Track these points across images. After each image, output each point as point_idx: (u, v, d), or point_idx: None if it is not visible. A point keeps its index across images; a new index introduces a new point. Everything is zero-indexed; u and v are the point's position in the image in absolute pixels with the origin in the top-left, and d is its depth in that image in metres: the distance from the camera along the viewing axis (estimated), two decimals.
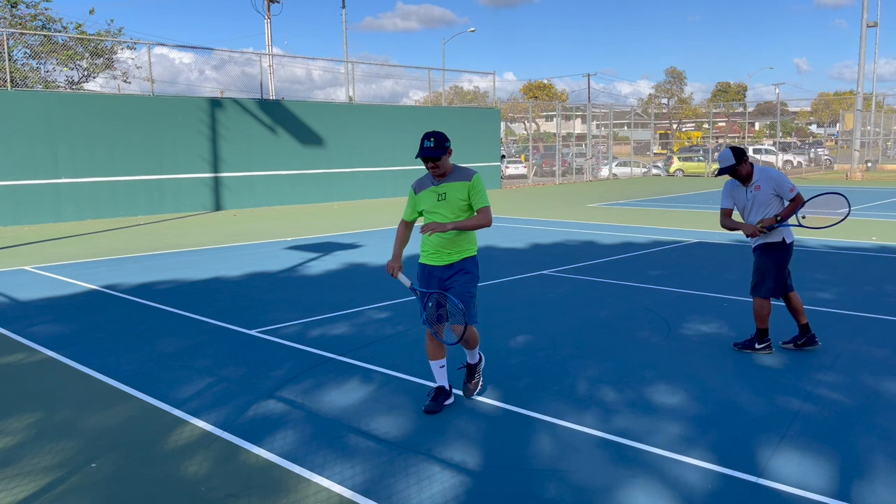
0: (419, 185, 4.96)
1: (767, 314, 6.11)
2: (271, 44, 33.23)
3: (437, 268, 4.90)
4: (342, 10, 42.66)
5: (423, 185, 4.93)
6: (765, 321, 6.13)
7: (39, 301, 8.69)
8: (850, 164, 34.85)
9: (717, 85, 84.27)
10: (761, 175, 6.08)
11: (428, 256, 4.92)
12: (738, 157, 6.01)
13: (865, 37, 33.29)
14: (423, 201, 4.90)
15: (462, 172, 4.86)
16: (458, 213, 4.80)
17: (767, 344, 6.17)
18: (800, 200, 6.00)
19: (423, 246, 4.94)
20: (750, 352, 6.18)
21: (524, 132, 50.62)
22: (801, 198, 6.00)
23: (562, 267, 10.63)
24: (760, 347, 6.16)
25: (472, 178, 4.83)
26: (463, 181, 4.81)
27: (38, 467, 4.14)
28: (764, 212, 6.07)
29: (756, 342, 6.19)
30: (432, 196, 4.85)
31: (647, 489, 3.78)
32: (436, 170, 4.75)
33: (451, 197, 4.80)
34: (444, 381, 5.05)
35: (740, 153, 6.04)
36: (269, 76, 26.80)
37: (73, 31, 26.96)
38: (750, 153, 40.29)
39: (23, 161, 17.62)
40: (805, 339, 6.24)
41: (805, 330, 6.24)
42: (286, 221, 17.90)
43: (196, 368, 5.96)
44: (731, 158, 6.02)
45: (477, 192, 4.82)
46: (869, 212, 18.24)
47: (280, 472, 4.05)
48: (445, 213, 4.80)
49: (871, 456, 4.15)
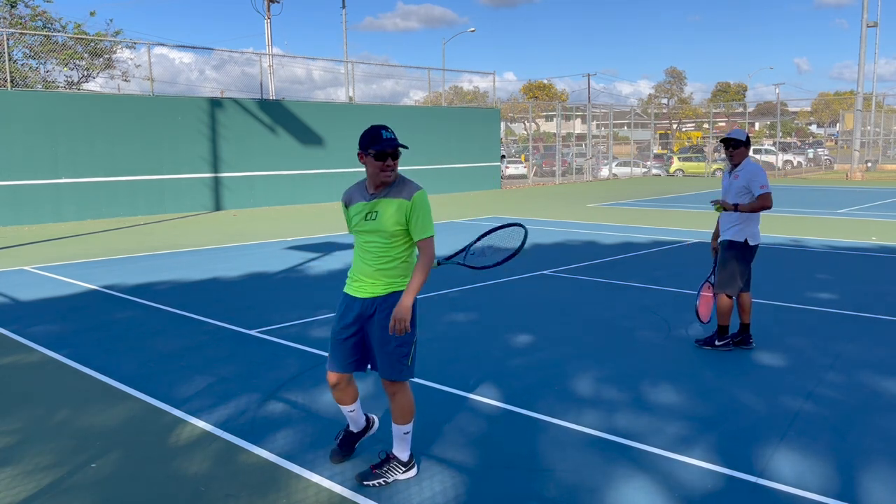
0: (350, 196, 3.89)
1: (730, 311, 6.24)
2: (271, 44, 33.25)
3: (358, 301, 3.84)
4: (342, 10, 42.69)
5: (357, 197, 3.84)
6: (727, 318, 6.26)
7: (39, 301, 8.69)
8: (850, 164, 34.85)
9: (717, 85, 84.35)
10: (745, 166, 6.20)
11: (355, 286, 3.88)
12: (746, 140, 6.17)
13: (865, 37, 33.30)
14: (352, 216, 3.86)
15: (403, 187, 3.75)
16: (386, 241, 3.72)
17: (727, 341, 6.30)
18: (766, 201, 6.04)
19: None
20: (709, 348, 6.30)
21: (524, 132, 50.62)
22: (768, 199, 6.04)
23: (562, 267, 10.62)
24: (720, 344, 6.28)
25: (414, 197, 3.69)
26: (401, 199, 3.70)
27: (38, 467, 4.14)
28: (733, 201, 6.18)
29: (717, 339, 6.31)
30: (362, 211, 3.77)
31: (647, 489, 3.78)
32: (389, 173, 3.71)
33: (381, 217, 3.71)
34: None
35: (749, 141, 6.22)
36: (269, 76, 26.80)
37: (73, 31, 26.95)
38: (750, 153, 40.26)
39: (23, 161, 17.62)
40: (742, 338, 6.37)
41: (745, 329, 6.38)
42: (286, 221, 17.89)
43: (196, 368, 5.96)
44: (742, 136, 6.17)
45: (418, 216, 3.69)
46: (869, 212, 18.24)
47: (280, 471, 4.05)
48: (371, 240, 3.76)
49: (871, 456, 4.15)
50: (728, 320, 6.28)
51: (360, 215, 3.79)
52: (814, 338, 6.64)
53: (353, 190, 3.90)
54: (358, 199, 3.82)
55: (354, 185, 3.93)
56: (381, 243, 3.75)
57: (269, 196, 22.34)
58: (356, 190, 3.88)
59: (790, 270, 10.16)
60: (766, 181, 6.10)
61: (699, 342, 6.42)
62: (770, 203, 6.08)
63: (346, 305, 3.88)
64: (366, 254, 3.81)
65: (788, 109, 79.16)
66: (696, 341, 6.46)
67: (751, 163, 6.25)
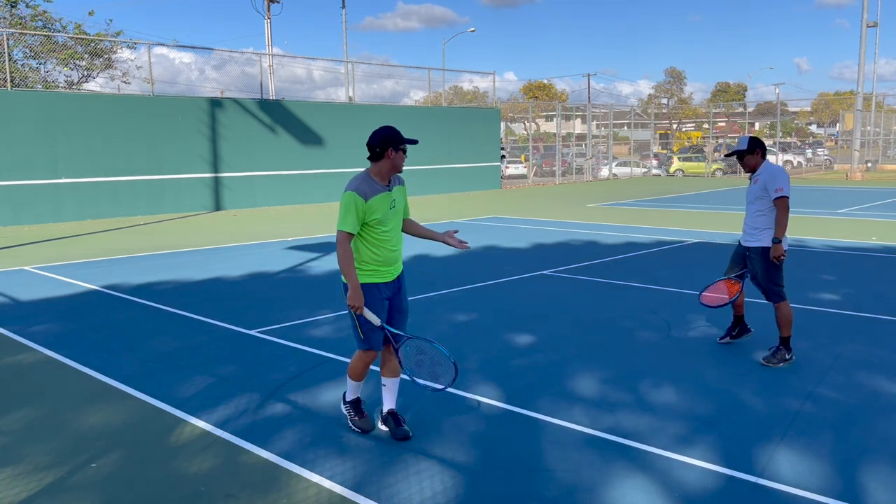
0: (366, 189, 4.20)
1: (791, 319, 5.85)
2: (271, 44, 33.25)
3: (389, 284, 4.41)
4: (342, 10, 42.66)
5: (373, 190, 4.22)
6: (789, 328, 5.85)
7: (39, 301, 8.69)
8: (850, 164, 34.85)
9: (716, 85, 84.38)
10: (764, 169, 5.95)
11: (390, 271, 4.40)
12: (750, 146, 5.95)
13: (865, 37, 33.29)
14: (377, 209, 4.21)
15: (394, 176, 4.41)
16: (401, 223, 4.44)
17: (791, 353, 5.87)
18: (783, 205, 5.72)
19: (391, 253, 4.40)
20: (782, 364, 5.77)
21: (524, 132, 50.61)
22: (785, 203, 5.72)
23: (562, 267, 10.62)
24: (791, 357, 5.83)
25: (404, 182, 4.48)
26: (401, 185, 4.43)
27: (38, 467, 4.14)
28: (754, 208, 5.94)
29: (786, 351, 5.85)
30: (385, 202, 4.26)
31: (647, 489, 3.78)
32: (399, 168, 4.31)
33: (399, 204, 4.38)
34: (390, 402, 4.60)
35: (755, 144, 5.97)
36: (269, 76, 26.82)
37: (73, 31, 26.95)
38: (766, 156, 40.18)
39: (23, 161, 17.61)
40: (738, 330, 6.38)
41: (739, 321, 6.39)
42: (286, 221, 17.89)
43: (196, 368, 5.96)
44: (744, 144, 5.98)
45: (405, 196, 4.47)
46: (869, 212, 18.24)
47: (280, 471, 4.05)
48: (395, 225, 4.35)
49: (871, 456, 4.14)
50: (790, 330, 5.83)
51: (384, 205, 4.23)
52: (814, 338, 6.64)
53: (362, 185, 4.19)
54: (377, 192, 4.21)
55: (359, 181, 4.21)
56: (399, 226, 4.37)
57: (269, 196, 22.34)
58: (366, 184, 4.21)
59: (790, 270, 10.12)
60: (783, 183, 5.74)
61: (765, 361, 5.81)
62: (787, 204, 5.74)
63: (379, 293, 4.30)
64: (389, 241, 4.30)
65: (788, 109, 79.18)
66: (763, 360, 5.84)
67: (771, 164, 5.96)
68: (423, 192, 26.06)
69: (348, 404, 4.63)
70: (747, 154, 5.99)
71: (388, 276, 4.34)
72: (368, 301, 4.25)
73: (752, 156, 5.99)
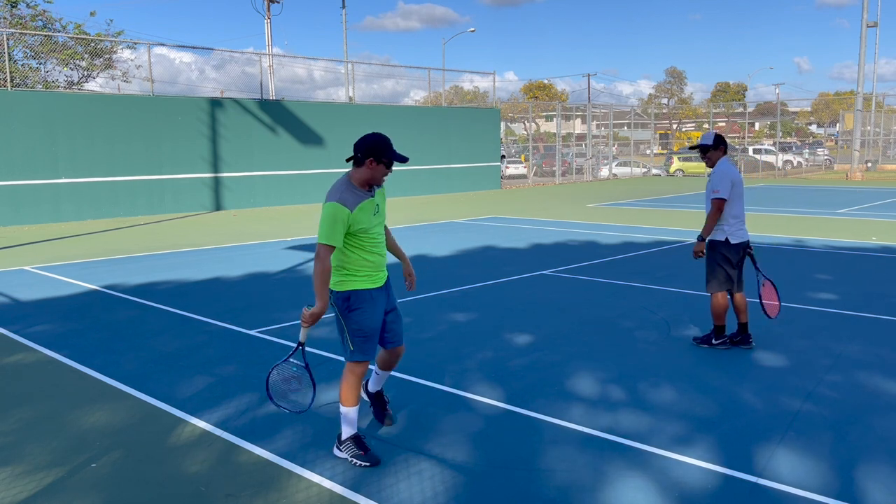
0: (349, 199, 4.00)
1: (724, 311, 6.25)
2: (271, 44, 33.25)
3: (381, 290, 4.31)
4: (342, 10, 42.66)
5: (356, 198, 4.03)
6: (721, 318, 6.27)
7: (39, 301, 8.69)
8: (850, 164, 34.85)
9: (716, 85, 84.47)
10: (716, 168, 6.18)
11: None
12: (715, 142, 6.17)
13: (865, 37, 33.28)
14: (362, 218, 4.04)
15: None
16: (384, 224, 4.32)
17: (724, 340, 6.31)
18: (715, 206, 6.03)
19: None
20: (706, 346, 6.33)
21: (524, 132, 50.62)
22: (718, 205, 6.02)
23: (562, 267, 10.62)
24: (717, 343, 6.31)
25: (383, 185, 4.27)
26: (381, 188, 4.25)
27: (38, 467, 4.14)
28: (705, 204, 6.23)
29: (713, 337, 6.34)
30: (369, 209, 4.10)
31: (647, 489, 3.78)
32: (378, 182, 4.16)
33: (381, 208, 4.23)
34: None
35: (719, 141, 6.18)
36: (270, 76, 26.84)
37: (73, 31, 26.95)
38: (750, 153, 40.31)
39: (23, 161, 17.62)
40: (741, 338, 6.35)
41: (743, 329, 6.36)
42: (286, 221, 17.89)
43: (196, 368, 5.96)
44: (709, 140, 6.20)
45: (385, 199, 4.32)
46: (869, 212, 18.24)
47: (280, 471, 4.05)
48: (380, 231, 4.24)
49: (871, 456, 4.15)
50: (723, 320, 6.29)
51: (369, 212, 4.09)
52: (814, 338, 6.64)
53: (345, 195, 4.01)
54: (360, 199, 4.05)
55: (341, 189, 4.04)
56: (382, 227, 4.26)
57: (269, 196, 22.34)
58: (348, 192, 4.03)
59: (790, 270, 10.16)
60: (721, 185, 6.02)
61: (696, 340, 6.45)
62: (721, 207, 6.03)
63: (373, 300, 4.19)
64: (378, 245, 4.21)
65: (788, 109, 79.22)
66: (694, 339, 6.50)
67: (721, 164, 6.18)
68: (424, 192, 26.07)
69: (347, 442, 4.16)
70: (711, 149, 6.17)
71: (380, 282, 4.23)
72: (366, 308, 4.13)
73: (716, 151, 6.18)
